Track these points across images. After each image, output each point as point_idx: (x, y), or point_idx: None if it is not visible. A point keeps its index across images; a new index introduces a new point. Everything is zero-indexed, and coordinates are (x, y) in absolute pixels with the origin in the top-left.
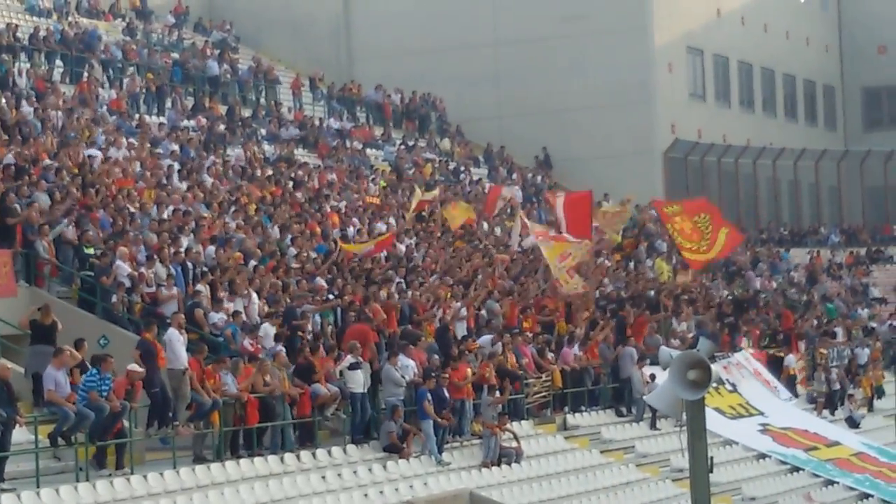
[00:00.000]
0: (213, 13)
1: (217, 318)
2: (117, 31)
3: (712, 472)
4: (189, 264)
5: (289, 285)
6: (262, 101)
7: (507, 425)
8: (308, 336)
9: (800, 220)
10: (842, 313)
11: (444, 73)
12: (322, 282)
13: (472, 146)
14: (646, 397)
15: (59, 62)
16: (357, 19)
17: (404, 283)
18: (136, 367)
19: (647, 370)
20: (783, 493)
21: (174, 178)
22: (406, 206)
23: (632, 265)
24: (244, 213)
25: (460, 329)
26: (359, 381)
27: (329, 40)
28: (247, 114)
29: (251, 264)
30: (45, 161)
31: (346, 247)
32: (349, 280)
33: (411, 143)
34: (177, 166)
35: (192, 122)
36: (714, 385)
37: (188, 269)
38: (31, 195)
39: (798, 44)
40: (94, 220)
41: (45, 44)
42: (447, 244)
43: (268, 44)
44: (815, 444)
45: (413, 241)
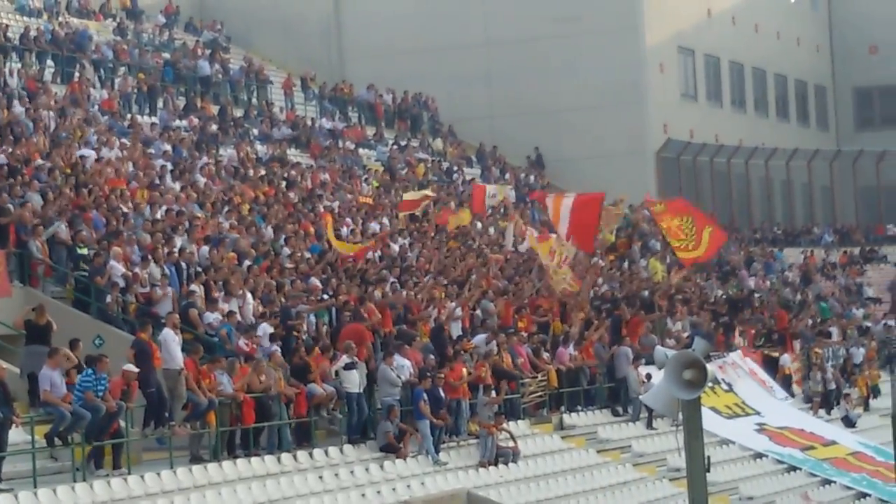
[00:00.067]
0: (203, 13)
1: (212, 318)
2: (108, 31)
3: (709, 471)
4: (183, 264)
5: (283, 285)
6: (253, 100)
7: (504, 425)
8: (303, 336)
9: (793, 220)
10: (836, 313)
11: (436, 73)
12: (317, 282)
13: (464, 146)
14: (642, 397)
15: (49, 62)
16: (348, 19)
17: (398, 283)
18: (132, 368)
19: (643, 370)
20: (780, 492)
21: (167, 179)
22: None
23: (626, 265)
24: (237, 213)
25: (455, 329)
26: (354, 381)
27: (320, 40)
28: (239, 114)
29: (245, 264)
30: (38, 161)
31: (337, 244)
32: (344, 280)
33: (404, 143)
34: (169, 166)
35: (184, 123)
36: (710, 385)
37: (182, 269)
38: (23, 195)
39: (789, 44)
40: (88, 220)
41: (35, 44)
42: (441, 244)
43: (258, 44)
44: (812, 444)
45: (407, 242)
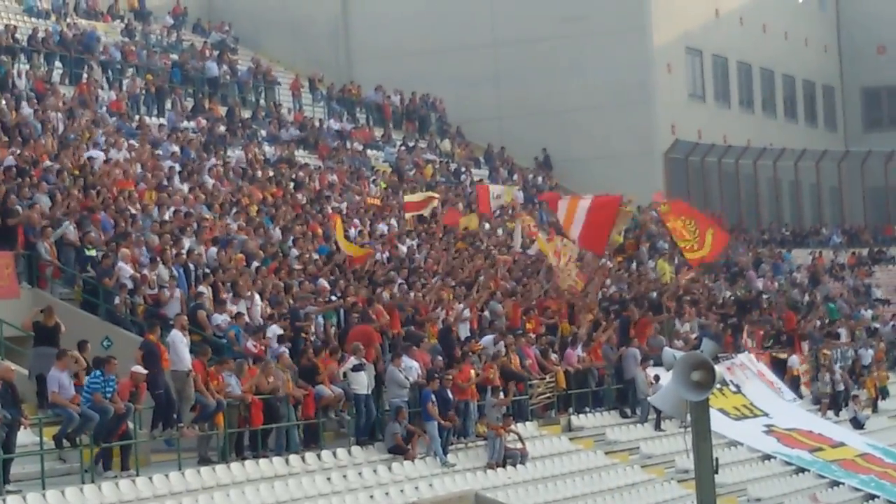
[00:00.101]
0: (211, 14)
1: (220, 319)
2: (116, 33)
3: (717, 473)
4: (191, 266)
5: (291, 287)
6: (261, 102)
7: (512, 426)
8: (311, 337)
9: (801, 221)
10: (845, 314)
11: (443, 74)
12: (325, 283)
13: (472, 147)
14: (650, 398)
15: (58, 63)
16: (356, 20)
17: (406, 285)
18: (140, 369)
19: (651, 371)
20: (789, 493)
21: (175, 180)
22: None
23: (634, 266)
24: (246, 214)
25: (463, 330)
26: (362, 383)
27: (328, 41)
28: (247, 115)
29: (253, 266)
30: (46, 163)
31: (345, 245)
32: (352, 281)
33: (412, 145)
34: (177, 168)
35: (192, 124)
36: (718, 386)
37: (190, 270)
38: (31, 197)
39: (797, 44)
40: (96, 221)
41: (43, 45)
42: (449, 245)
43: (266, 45)
44: (820, 445)
45: (415, 243)
